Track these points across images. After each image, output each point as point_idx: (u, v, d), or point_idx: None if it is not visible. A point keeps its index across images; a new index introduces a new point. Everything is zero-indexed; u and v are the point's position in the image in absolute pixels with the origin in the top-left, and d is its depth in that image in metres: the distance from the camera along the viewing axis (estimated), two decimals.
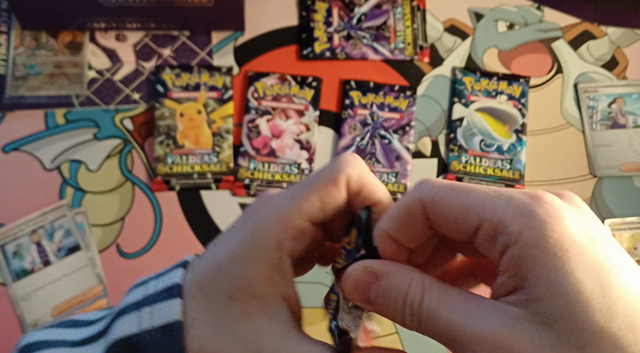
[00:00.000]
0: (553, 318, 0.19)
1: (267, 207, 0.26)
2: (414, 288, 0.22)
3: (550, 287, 0.19)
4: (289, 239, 0.25)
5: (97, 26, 0.71)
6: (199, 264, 0.26)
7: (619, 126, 0.72)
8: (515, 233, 0.20)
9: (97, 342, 0.26)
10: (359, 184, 0.26)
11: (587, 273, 0.19)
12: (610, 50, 0.76)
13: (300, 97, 0.71)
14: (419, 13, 0.76)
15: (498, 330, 0.20)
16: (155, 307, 0.25)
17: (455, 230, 0.23)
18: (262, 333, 0.24)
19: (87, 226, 0.65)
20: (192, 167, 0.68)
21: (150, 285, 0.27)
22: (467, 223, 0.22)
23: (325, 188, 0.25)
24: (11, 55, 0.71)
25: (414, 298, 0.22)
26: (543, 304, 0.20)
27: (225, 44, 0.73)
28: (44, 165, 0.67)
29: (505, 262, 0.21)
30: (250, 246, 0.25)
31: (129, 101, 0.70)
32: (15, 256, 0.64)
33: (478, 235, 0.22)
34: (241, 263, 0.24)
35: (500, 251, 0.21)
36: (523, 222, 0.20)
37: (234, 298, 0.24)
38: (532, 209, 0.21)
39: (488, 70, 0.74)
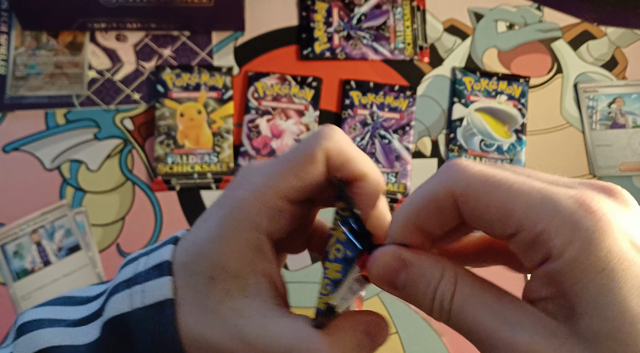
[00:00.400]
0: (596, 339, 0.18)
1: (245, 185, 0.25)
2: (445, 283, 0.21)
3: (594, 306, 0.18)
4: (265, 219, 0.24)
5: (97, 26, 0.72)
6: (185, 243, 0.26)
7: (619, 126, 0.73)
8: (558, 248, 0.19)
9: (95, 322, 0.26)
10: (340, 158, 0.25)
11: (635, 292, 0.18)
12: (609, 51, 0.76)
13: (300, 97, 0.71)
14: (418, 13, 0.76)
15: (536, 344, 0.19)
16: (146, 285, 0.25)
17: (489, 229, 0.21)
18: (242, 312, 0.24)
19: (88, 226, 0.65)
20: (193, 167, 0.68)
21: (140, 262, 0.26)
22: (504, 226, 0.20)
23: (301, 166, 0.24)
24: (11, 55, 0.71)
25: (444, 293, 0.21)
26: (585, 322, 0.18)
27: (226, 44, 0.74)
28: (45, 165, 0.67)
29: (543, 272, 0.20)
30: (227, 226, 0.24)
31: (129, 101, 0.70)
32: (16, 256, 0.64)
33: (515, 240, 0.20)
34: (219, 243, 0.24)
35: (538, 261, 0.20)
36: (568, 236, 0.19)
37: (214, 279, 0.24)
38: (578, 221, 0.19)
39: (488, 70, 0.74)
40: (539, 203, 0.19)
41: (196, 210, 0.67)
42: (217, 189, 0.68)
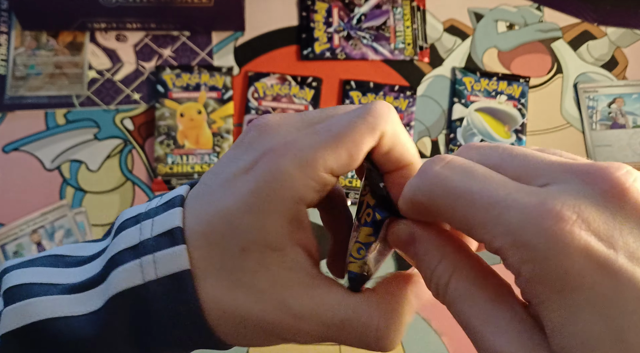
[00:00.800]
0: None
1: (283, 150, 0.23)
2: (441, 270, 0.21)
3: (559, 328, 0.18)
4: (311, 193, 0.23)
5: (97, 26, 0.72)
6: (201, 210, 0.24)
7: (619, 126, 0.73)
8: (515, 267, 0.18)
9: (94, 289, 0.24)
10: (390, 143, 0.24)
11: (596, 314, 0.17)
12: (610, 51, 0.76)
13: (300, 97, 0.71)
14: (418, 13, 0.76)
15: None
16: (157, 255, 0.23)
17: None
18: (285, 285, 0.23)
19: (88, 226, 0.65)
20: (193, 167, 0.68)
21: (144, 226, 0.24)
22: (471, 236, 0.20)
23: (357, 145, 0.23)
24: (11, 55, 0.71)
25: (439, 279, 0.21)
26: (554, 341, 0.18)
27: (226, 44, 0.74)
28: (45, 165, 0.67)
29: (517, 283, 0.19)
30: (267, 197, 0.22)
31: (129, 101, 0.70)
32: (16, 256, 0.64)
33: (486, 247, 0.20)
34: (257, 215, 0.22)
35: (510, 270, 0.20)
36: (522, 255, 0.18)
37: (247, 250, 0.23)
38: (531, 238, 0.18)
39: (488, 70, 0.74)
40: (495, 219, 0.19)
41: None
42: None
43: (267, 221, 0.23)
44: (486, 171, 0.20)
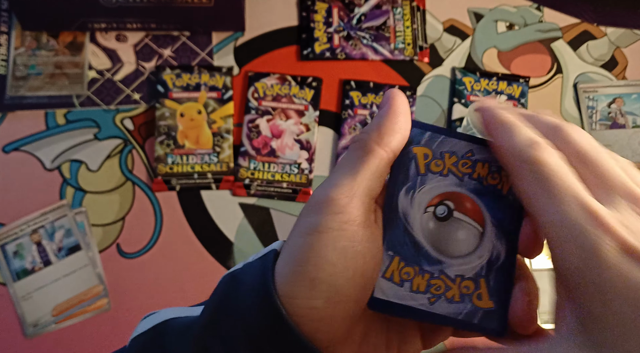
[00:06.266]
0: (600, 350, 0.20)
1: None
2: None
3: (595, 320, 0.20)
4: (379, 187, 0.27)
5: (97, 26, 0.72)
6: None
7: (619, 126, 0.73)
8: (560, 259, 0.21)
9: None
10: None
11: (630, 305, 0.19)
12: (609, 51, 0.76)
13: (300, 97, 0.71)
14: (418, 13, 0.76)
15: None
16: (260, 253, 0.27)
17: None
18: None
19: (88, 226, 0.65)
20: (193, 167, 0.68)
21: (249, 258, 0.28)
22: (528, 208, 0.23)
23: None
24: (12, 55, 0.71)
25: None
26: (591, 336, 0.20)
27: (226, 44, 0.74)
28: (45, 165, 0.67)
29: (556, 276, 0.22)
30: None
31: (129, 101, 0.70)
32: (16, 256, 0.64)
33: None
34: None
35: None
36: (570, 249, 0.21)
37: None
38: (582, 235, 0.20)
39: (488, 70, 0.74)
40: (555, 210, 0.21)
41: (196, 210, 0.67)
42: (217, 189, 0.68)
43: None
44: (570, 177, 0.22)
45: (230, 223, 0.67)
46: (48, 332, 0.62)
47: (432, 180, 0.26)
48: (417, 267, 0.25)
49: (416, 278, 0.25)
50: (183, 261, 0.65)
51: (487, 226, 0.25)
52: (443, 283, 0.25)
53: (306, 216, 0.25)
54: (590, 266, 0.20)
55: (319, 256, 0.23)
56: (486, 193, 0.26)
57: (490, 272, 0.25)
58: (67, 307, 0.63)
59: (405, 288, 0.25)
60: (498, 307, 0.25)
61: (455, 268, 0.25)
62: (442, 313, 0.25)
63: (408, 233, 0.26)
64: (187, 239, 0.66)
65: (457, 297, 0.25)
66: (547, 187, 0.22)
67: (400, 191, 0.26)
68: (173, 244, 0.66)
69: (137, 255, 0.65)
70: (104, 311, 0.63)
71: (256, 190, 0.68)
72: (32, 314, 0.62)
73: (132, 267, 0.65)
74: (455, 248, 0.25)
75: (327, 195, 0.24)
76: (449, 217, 0.26)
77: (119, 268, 0.64)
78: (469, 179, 0.26)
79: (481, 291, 0.25)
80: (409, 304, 0.25)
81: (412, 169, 0.26)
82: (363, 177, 0.25)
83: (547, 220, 0.21)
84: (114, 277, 0.64)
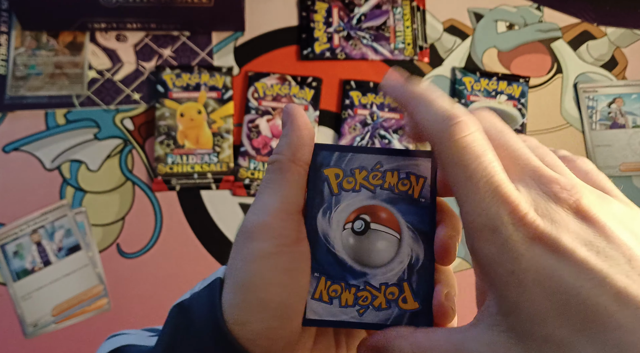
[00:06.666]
0: (520, 336, 0.20)
1: None
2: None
3: (513, 306, 0.20)
4: None
5: (97, 26, 0.72)
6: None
7: (618, 126, 0.73)
8: (477, 246, 0.21)
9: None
10: None
11: (544, 291, 0.20)
12: (609, 51, 0.76)
13: (300, 97, 0.71)
14: (418, 13, 0.76)
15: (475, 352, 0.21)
16: (204, 282, 0.28)
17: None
18: None
19: (88, 226, 0.65)
20: (193, 167, 0.68)
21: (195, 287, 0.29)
22: (457, 200, 0.23)
23: None
24: (12, 55, 0.71)
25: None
26: (509, 322, 0.21)
27: (226, 44, 0.74)
28: (45, 165, 0.67)
29: (474, 262, 0.22)
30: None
31: (129, 101, 0.70)
32: (16, 256, 0.64)
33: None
34: None
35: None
36: (489, 237, 0.21)
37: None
38: (496, 225, 0.21)
39: (488, 70, 0.74)
40: (474, 200, 0.22)
41: (196, 210, 0.67)
42: (217, 189, 0.68)
43: None
44: (487, 157, 0.23)
45: (230, 223, 0.67)
46: (48, 332, 0.62)
47: (346, 198, 0.27)
48: (343, 283, 0.27)
49: (344, 293, 0.27)
50: (183, 261, 0.65)
51: (404, 232, 0.27)
52: (369, 294, 0.27)
53: (245, 243, 0.26)
54: (504, 255, 0.20)
55: (265, 280, 0.25)
56: (399, 201, 0.27)
57: (412, 274, 0.27)
58: (67, 307, 0.63)
59: (335, 305, 0.27)
60: (423, 307, 0.27)
61: (379, 277, 0.27)
62: (371, 321, 0.27)
63: (331, 253, 0.27)
64: (187, 239, 0.66)
65: (383, 304, 0.27)
66: (463, 171, 0.22)
67: (318, 214, 0.27)
68: (173, 244, 0.66)
69: (137, 255, 0.65)
70: (104, 311, 0.63)
71: (256, 190, 0.68)
72: (32, 314, 0.62)
73: (132, 267, 0.65)
74: (376, 259, 0.27)
75: (264, 220, 0.25)
76: (367, 230, 0.27)
77: (119, 268, 0.64)
78: (381, 190, 0.27)
79: (405, 294, 0.27)
80: (341, 319, 0.27)
81: (326, 190, 0.27)
82: (289, 196, 0.26)
83: (465, 210, 0.22)
84: (114, 277, 0.64)
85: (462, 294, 0.31)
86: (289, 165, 0.26)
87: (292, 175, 0.26)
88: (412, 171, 0.27)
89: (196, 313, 0.26)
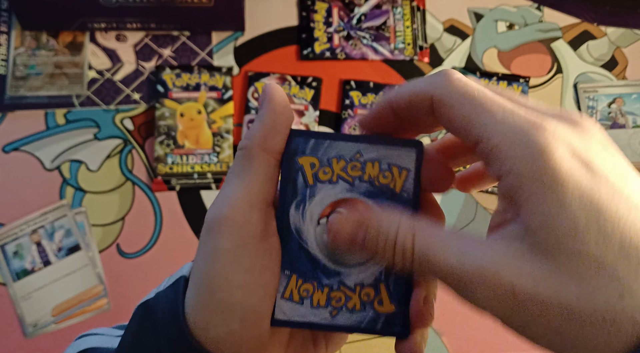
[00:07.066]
0: (550, 251, 0.19)
1: None
2: (404, 230, 0.22)
3: (546, 220, 0.19)
4: None
5: (97, 26, 0.72)
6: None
7: (619, 126, 0.73)
8: (509, 163, 0.20)
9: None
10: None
11: (583, 207, 0.19)
12: (609, 50, 0.76)
13: (300, 97, 0.71)
14: (418, 13, 0.76)
15: (497, 266, 0.20)
16: (170, 279, 0.27)
17: (456, 134, 0.23)
18: None
19: (88, 226, 0.65)
20: (193, 167, 0.68)
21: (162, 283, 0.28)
22: (468, 136, 0.22)
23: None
24: (11, 55, 0.71)
25: (405, 240, 0.22)
26: (539, 236, 0.19)
27: (226, 44, 0.74)
28: (44, 165, 0.67)
29: (501, 188, 0.21)
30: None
31: (129, 101, 0.70)
32: (16, 256, 0.64)
33: (477, 150, 0.22)
34: None
35: (496, 176, 0.21)
36: (518, 152, 0.20)
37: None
38: (530, 139, 0.20)
39: (488, 70, 0.74)
40: (498, 121, 0.21)
41: (196, 210, 0.67)
42: (217, 189, 0.68)
43: None
44: (496, 91, 0.23)
45: None
46: (48, 332, 0.62)
47: (321, 190, 0.25)
48: (315, 282, 0.25)
49: (316, 293, 0.25)
50: (183, 261, 0.65)
51: None
52: (343, 295, 0.25)
53: (206, 238, 0.24)
54: (541, 169, 0.19)
55: (227, 281, 0.23)
56: (379, 195, 0.25)
57: (390, 275, 0.25)
58: (66, 307, 0.63)
59: (306, 305, 0.25)
60: (399, 310, 0.25)
61: (354, 277, 0.25)
62: (343, 324, 0.25)
63: (303, 249, 0.25)
64: (187, 239, 0.66)
65: (358, 306, 0.25)
66: (482, 106, 0.21)
67: (291, 207, 0.25)
68: (173, 244, 0.66)
69: (137, 255, 0.65)
70: (103, 311, 0.63)
71: None
72: (31, 314, 0.62)
73: (132, 267, 0.64)
74: (352, 257, 0.25)
75: (223, 213, 0.23)
76: None
77: (119, 268, 0.64)
78: (360, 182, 0.25)
79: (382, 296, 0.25)
80: (311, 320, 0.25)
81: (300, 181, 0.25)
82: (255, 186, 0.24)
83: (493, 131, 0.21)
84: (114, 277, 0.64)
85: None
86: (258, 153, 0.24)
87: (260, 164, 0.24)
88: (395, 162, 0.25)
89: (159, 314, 0.25)
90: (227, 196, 0.24)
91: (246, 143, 0.25)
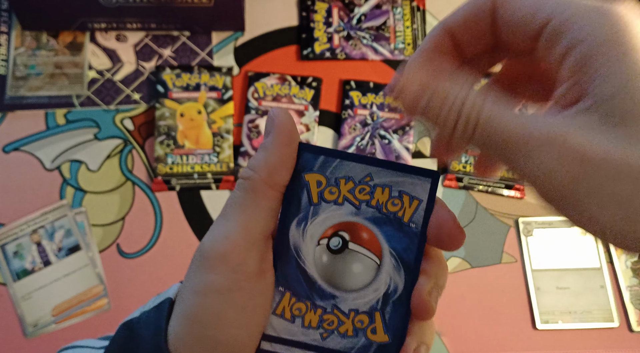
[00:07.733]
0: (623, 118, 0.18)
1: None
2: (472, 98, 0.21)
3: (620, 86, 0.18)
4: None
5: (97, 26, 0.72)
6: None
7: None
8: (585, 30, 0.19)
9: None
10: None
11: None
12: None
13: (300, 98, 0.71)
14: (418, 13, 0.76)
15: (567, 131, 0.19)
16: (157, 299, 0.26)
17: (519, 32, 0.22)
18: None
19: (88, 226, 0.65)
20: (193, 167, 0.68)
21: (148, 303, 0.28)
22: (534, 21, 0.21)
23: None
24: (12, 55, 0.71)
25: (472, 108, 0.21)
26: (612, 104, 0.18)
27: (226, 44, 0.74)
28: (45, 165, 0.67)
29: (569, 64, 0.20)
30: None
31: (129, 101, 0.70)
32: (16, 256, 0.64)
33: (543, 36, 0.21)
34: None
35: (564, 52, 0.20)
36: (595, 18, 0.19)
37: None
38: (606, 8, 0.19)
39: None
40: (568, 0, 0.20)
41: (196, 210, 0.67)
42: (217, 189, 0.68)
43: None
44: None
45: None
46: (48, 332, 0.62)
47: (325, 210, 0.24)
48: (309, 302, 0.24)
49: (308, 313, 0.24)
50: (183, 261, 0.65)
51: (385, 257, 0.24)
52: (336, 318, 0.24)
53: (200, 269, 0.23)
54: (619, 34, 0.19)
55: (218, 318, 0.22)
56: (385, 222, 0.24)
57: (387, 305, 0.24)
58: (67, 307, 0.63)
59: (297, 324, 0.24)
60: (394, 341, 0.24)
61: (350, 303, 0.24)
62: (333, 347, 0.24)
63: (300, 268, 0.24)
64: (187, 239, 0.66)
65: (350, 331, 0.24)
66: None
67: (292, 224, 0.24)
68: (173, 244, 0.66)
69: (137, 255, 0.65)
70: (103, 311, 0.63)
71: None
72: (32, 314, 0.62)
73: (132, 267, 0.65)
74: (349, 282, 0.24)
75: (221, 249, 0.23)
76: (344, 249, 0.24)
77: (119, 268, 0.64)
78: (367, 207, 0.24)
79: (376, 325, 0.24)
80: (301, 340, 0.24)
81: (304, 198, 0.24)
82: (257, 222, 0.23)
83: (567, 4, 0.20)
84: (114, 277, 0.64)
85: (461, 294, 0.31)
86: (263, 188, 0.23)
87: (263, 199, 0.23)
88: (407, 191, 0.24)
89: (142, 336, 0.24)
90: (227, 229, 0.23)
91: (251, 174, 0.24)
